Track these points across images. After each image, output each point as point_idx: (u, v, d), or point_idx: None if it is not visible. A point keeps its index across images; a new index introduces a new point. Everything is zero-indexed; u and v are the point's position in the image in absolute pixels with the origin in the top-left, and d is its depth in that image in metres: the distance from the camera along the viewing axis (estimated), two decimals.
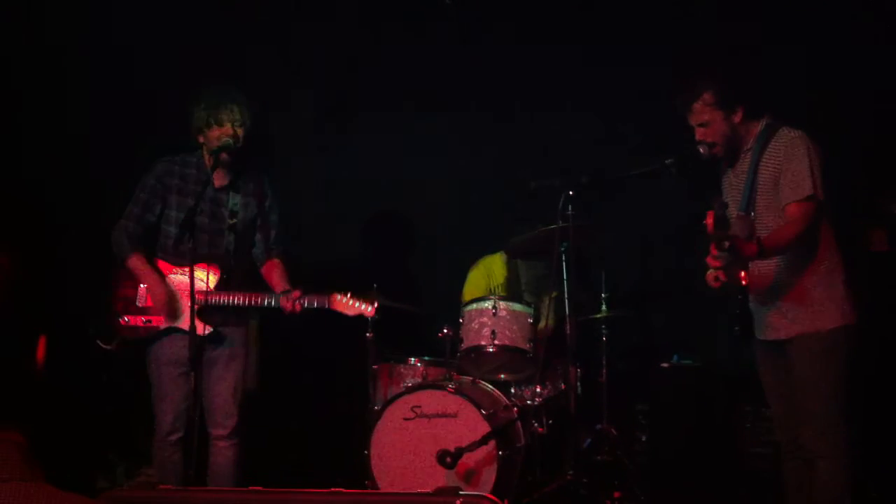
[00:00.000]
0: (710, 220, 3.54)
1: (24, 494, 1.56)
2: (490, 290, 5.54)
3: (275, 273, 4.68)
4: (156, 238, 4.58)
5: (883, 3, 5.01)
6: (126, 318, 4.48)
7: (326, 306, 4.52)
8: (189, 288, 4.21)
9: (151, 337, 4.48)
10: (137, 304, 4.50)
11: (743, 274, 3.68)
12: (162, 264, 4.56)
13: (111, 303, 4.51)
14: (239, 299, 4.49)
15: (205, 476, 4.50)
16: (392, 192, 6.14)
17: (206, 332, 4.42)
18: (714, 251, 3.68)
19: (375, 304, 4.56)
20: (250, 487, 3.63)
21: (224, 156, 4.45)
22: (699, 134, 4.02)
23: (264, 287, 4.62)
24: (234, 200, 4.59)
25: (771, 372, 4.04)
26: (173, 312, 4.47)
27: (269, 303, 4.48)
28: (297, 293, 4.47)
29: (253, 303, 4.50)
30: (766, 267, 3.92)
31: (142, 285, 4.50)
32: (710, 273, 4.03)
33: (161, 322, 4.47)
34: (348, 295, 4.53)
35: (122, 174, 4.86)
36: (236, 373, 4.56)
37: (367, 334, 4.92)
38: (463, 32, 5.85)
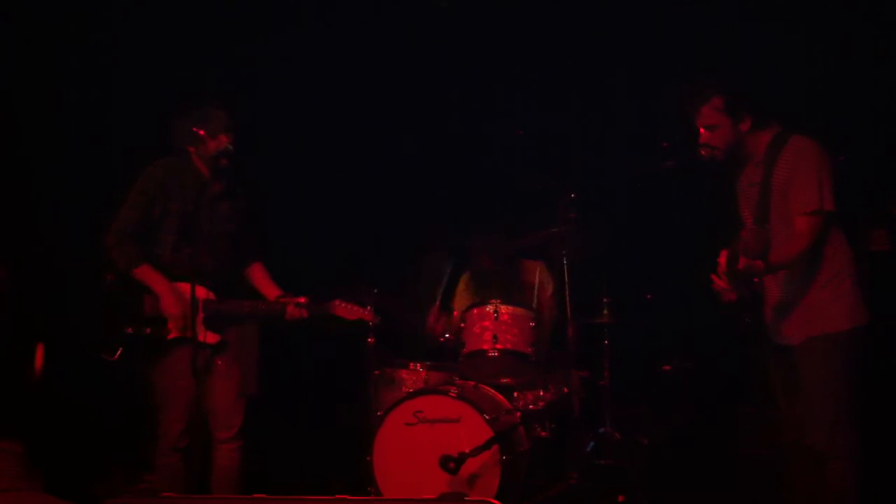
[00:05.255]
0: (721, 260, 3.77)
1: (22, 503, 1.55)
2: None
3: (260, 275, 4.70)
4: (146, 247, 4.42)
5: (884, 1, 5.01)
6: (130, 329, 4.41)
7: (329, 312, 4.56)
8: (190, 297, 4.16)
9: (157, 347, 4.39)
10: (141, 313, 4.41)
11: (756, 280, 3.76)
12: None
13: (111, 313, 4.45)
14: (247, 308, 4.50)
15: (206, 481, 4.47)
16: (387, 195, 6.14)
17: (214, 341, 4.41)
18: (718, 282, 3.84)
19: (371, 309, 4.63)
20: (254, 495, 3.63)
21: (224, 161, 4.41)
22: (704, 137, 3.99)
23: (252, 289, 4.65)
24: (230, 205, 4.55)
25: (781, 375, 4.03)
26: (182, 322, 4.40)
27: (277, 311, 4.51)
28: (303, 299, 4.51)
29: (261, 310, 4.54)
30: (776, 274, 3.91)
31: (156, 292, 4.37)
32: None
33: (167, 333, 4.40)
34: (349, 301, 4.58)
35: (115, 179, 4.80)
36: (238, 373, 4.54)
37: (368, 339, 4.91)
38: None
